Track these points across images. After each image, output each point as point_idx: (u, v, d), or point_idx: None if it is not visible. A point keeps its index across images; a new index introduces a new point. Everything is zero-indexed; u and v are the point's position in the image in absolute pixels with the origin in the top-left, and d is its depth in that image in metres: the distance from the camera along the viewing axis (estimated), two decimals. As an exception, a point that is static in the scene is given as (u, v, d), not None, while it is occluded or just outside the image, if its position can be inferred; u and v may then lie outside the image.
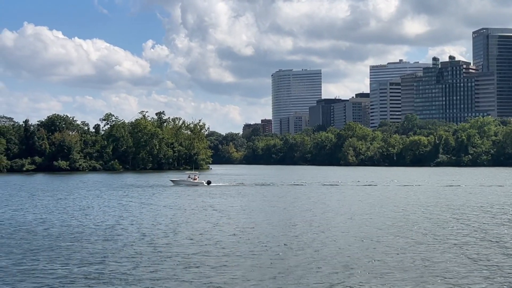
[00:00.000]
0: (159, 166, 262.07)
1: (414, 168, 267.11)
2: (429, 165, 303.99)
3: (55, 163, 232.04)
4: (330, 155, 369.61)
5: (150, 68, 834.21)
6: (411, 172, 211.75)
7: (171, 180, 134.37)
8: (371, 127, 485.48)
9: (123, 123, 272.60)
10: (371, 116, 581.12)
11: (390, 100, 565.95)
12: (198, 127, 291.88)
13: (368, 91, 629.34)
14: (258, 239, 47.18)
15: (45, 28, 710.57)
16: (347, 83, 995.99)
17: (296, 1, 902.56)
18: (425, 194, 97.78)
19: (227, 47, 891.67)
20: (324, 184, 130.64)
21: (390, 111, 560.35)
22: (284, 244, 44.38)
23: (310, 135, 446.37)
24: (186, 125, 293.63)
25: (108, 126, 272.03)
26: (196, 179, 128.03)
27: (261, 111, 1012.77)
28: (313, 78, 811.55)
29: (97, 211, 71.74)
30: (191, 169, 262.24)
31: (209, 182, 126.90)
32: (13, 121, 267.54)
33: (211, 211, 69.70)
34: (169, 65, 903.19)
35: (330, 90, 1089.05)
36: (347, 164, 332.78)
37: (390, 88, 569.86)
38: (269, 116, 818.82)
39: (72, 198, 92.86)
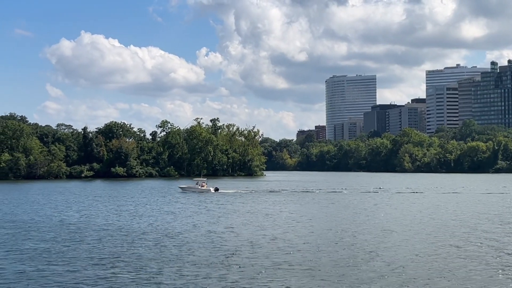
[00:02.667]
0: (214, 172, 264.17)
1: (472, 175, 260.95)
2: (488, 172, 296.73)
3: (112, 169, 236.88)
4: (385, 161, 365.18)
5: (205, 75, 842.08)
6: (468, 179, 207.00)
7: (179, 187, 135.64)
8: (428, 133, 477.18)
9: (179, 130, 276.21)
10: (428, 121, 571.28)
11: (447, 105, 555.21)
12: (252, 133, 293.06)
13: (424, 96, 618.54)
14: (335, 246, 47.08)
15: (101, 37, 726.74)
16: (402, 88, 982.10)
17: (351, 5, 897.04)
18: (469, 202, 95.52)
19: (281, 53, 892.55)
20: (369, 191, 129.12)
21: (447, 116, 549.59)
22: (346, 249, 44.26)
23: (364, 141, 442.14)
24: (240, 131, 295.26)
25: (164, 133, 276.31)
26: (204, 186, 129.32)
27: (315, 117, 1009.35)
28: (368, 83, 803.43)
29: (185, 217, 72.86)
30: (245, 176, 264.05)
31: (216, 189, 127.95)
32: (72, 129, 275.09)
33: (264, 216, 69.81)
34: (223, 72, 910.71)
35: (385, 96, 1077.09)
36: (403, 170, 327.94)
37: (447, 93, 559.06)
38: (323, 122, 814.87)
39: (158, 204, 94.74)
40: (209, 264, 39.88)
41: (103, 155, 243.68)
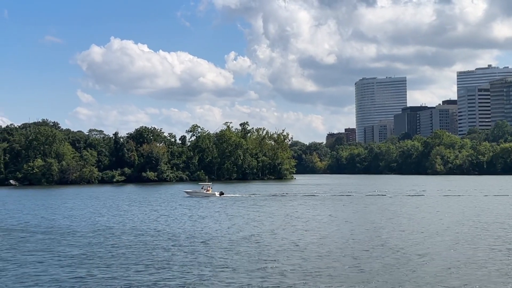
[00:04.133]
0: (244, 176, 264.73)
1: (505, 177, 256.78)
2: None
3: (143, 174, 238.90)
4: (416, 163, 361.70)
5: (234, 79, 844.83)
6: (504, 181, 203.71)
7: (185, 192, 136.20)
8: (459, 134, 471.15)
9: (208, 134, 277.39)
10: (459, 123, 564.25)
11: (479, 106, 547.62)
12: (282, 137, 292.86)
13: (456, 98, 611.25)
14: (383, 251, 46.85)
15: (130, 42, 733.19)
16: (433, 90, 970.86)
17: (379, 7, 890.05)
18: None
19: (309, 56, 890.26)
20: (400, 195, 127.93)
21: (479, 118, 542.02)
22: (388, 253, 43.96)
23: (395, 143, 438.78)
24: (269, 135, 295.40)
25: (194, 137, 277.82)
26: (209, 190, 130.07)
27: (345, 120, 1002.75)
28: (398, 85, 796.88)
29: (224, 221, 72.93)
30: (275, 179, 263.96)
31: (221, 193, 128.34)
32: (103, 134, 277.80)
33: (295, 220, 69.66)
34: (252, 76, 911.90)
35: (416, 97, 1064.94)
36: (435, 173, 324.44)
37: (479, 94, 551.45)
38: (352, 125, 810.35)
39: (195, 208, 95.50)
40: (259, 268, 39.69)
41: (134, 160, 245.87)
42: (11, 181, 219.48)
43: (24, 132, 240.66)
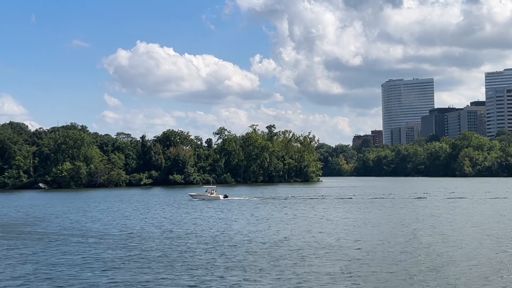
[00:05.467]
0: (270, 178, 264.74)
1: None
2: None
3: (170, 177, 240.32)
4: (444, 166, 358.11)
5: (259, 81, 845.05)
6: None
7: (189, 195, 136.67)
8: (488, 136, 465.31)
9: (235, 137, 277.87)
10: (488, 125, 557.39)
11: (508, 108, 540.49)
12: (308, 139, 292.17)
13: (484, 99, 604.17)
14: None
15: (156, 46, 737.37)
16: (461, 91, 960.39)
17: (406, 8, 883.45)
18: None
19: (335, 58, 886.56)
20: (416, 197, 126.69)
21: (508, 119, 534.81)
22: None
23: (423, 145, 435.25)
24: (295, 137, 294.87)
25: (220, 140, 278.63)
26: (213, 194, 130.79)
27: (371, 122, 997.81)
28: (425, 86, 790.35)
29: (263, 223, 73.14)
30: (301, 182, 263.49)
31: (225, 196, 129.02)
32: (131, 137, 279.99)
33: (324, 222, 69.55)
34: (277, 79, 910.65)
35: (443, 99, 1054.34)
36: (463, 175, 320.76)
37: (508, 95, 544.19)
38: (379, 127, 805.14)
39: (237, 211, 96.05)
40: (305, 272, 39.60)
41: (161, 163, 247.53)
42: (40, 184, 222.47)
43: (53, 135, 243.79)
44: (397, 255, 46.07)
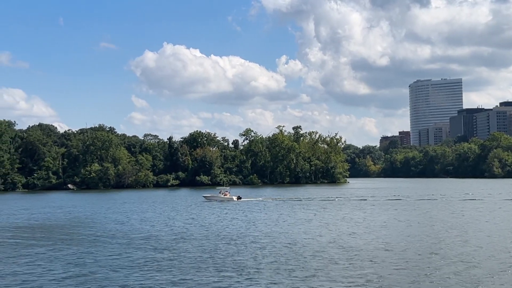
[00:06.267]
0: (297, 180, 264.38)
1: None
2: None
3: (197, 178, 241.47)
4: (473, 167, 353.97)
5: (285, 82, 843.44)
6: None
7: (203, 196, 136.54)
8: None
9: (261, 138, 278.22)
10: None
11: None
12: (335, 140, 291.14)
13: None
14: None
15: (183, 47, 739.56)
16: (490, 91, 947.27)
17: (434, 7, 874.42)
18: None
19: (362, 58, 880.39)
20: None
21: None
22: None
23: (451, 146, 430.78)
24: (322, 138, 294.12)
25: (247, 141, 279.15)
26: (226, 195, 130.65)
27: (398, 122, 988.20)
28: (453, 87, 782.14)
29: (299, 225, 72.69)
30: (328, 183, 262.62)
31: (239, 197, 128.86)
32: (158, 139, 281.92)
33: (353, 223, 69.24)
34: (303, 79, 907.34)
35: (472, 99, 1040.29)
36: (492, 176, 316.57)
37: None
38: (407, 127, 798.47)
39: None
40: (359, 275, 39.14)
41: (188, 164, 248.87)
42: (69, 185, 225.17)
43: (81, 137, 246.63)
44: (438, 258, 45.59)
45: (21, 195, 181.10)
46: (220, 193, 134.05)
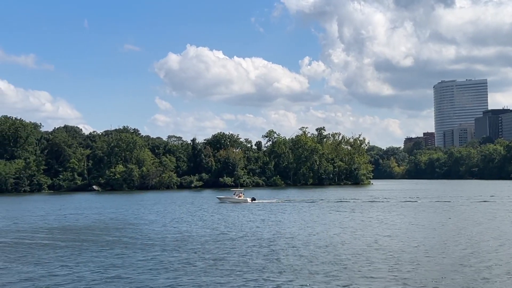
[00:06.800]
0: (320, 181, 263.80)
1: None
2: None
3: (220, 179, 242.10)
4: (499, 168, 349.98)
5: (308, 84, 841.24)
6: None
7: (218, 198, 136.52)
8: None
9: (284, 139, 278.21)
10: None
11: None
12: (358, 141, 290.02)
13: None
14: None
15: (206, 49, 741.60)
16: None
17: (458, 7, 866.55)
18: None
19: (385, 59, 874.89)
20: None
21: None
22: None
23: (476, 147, 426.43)
24: (345, 140, 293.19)
25: (270, 142, 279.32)
26: (241, 196, 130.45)
27: (423, 123, 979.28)
28: (478, 87, 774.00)
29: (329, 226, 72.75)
30: (351, 185, 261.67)
31: (253, 199, 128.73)
32: (182, 140, 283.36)
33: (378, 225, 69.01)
34: (326, 81, 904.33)
35: (498, 100, 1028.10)
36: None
37: None
38: (431, 129, 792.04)
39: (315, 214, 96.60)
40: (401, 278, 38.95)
41: (211, 166, 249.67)
42: (94, 186, 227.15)
43: (106, 139, 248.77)
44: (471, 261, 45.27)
45: (49, 196, 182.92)
46: (234, 194, 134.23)
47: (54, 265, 45.06)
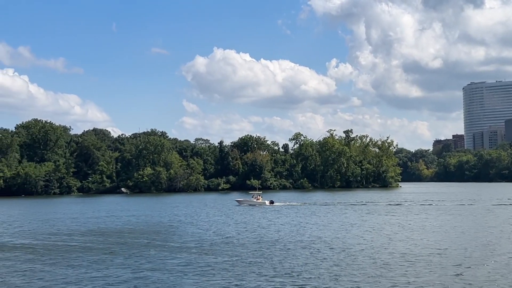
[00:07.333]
0: (347, 184, 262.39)
1: None
2: None
3: (248, 182, 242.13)
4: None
5: (336, 86, 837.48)
6: None
7: (236, 200, 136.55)
8: None
9: (311, 142, 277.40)
10: None
11: None
12: (386, 144, 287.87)
13: None
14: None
15: (233, 52, 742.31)
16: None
17: (488, 8, 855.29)
18: None
19: (414, 61, 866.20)
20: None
21: None
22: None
23: (506, 150, 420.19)
24: (373, 142, 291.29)
25: (297, 145, 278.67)
26: (259, 199, 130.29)
27: (452, 126, 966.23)
28: (509, 89, 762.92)
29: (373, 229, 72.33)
30: (379, 187, 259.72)
31: (271, 202, 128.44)
32: (209, 143, 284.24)
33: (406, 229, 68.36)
34: (354, 83, 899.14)
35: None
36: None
37: None
38: (460, 131, 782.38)
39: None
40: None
41: (238, 168, 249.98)
42: (122, 189, 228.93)
43: (134, 141, 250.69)
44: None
45: (78, 199, 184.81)
46: (252, 197, 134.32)
47: (93, 268, 45.24)
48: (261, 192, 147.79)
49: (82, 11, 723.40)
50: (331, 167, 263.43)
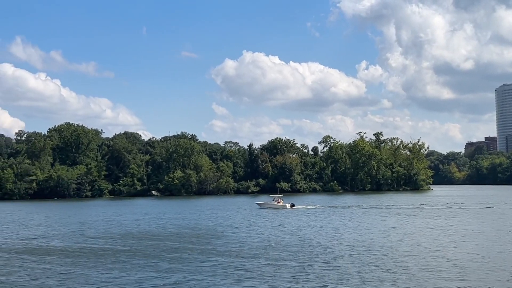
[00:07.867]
0: (378, 187, 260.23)
1: None
2: None
3: (277, 184, 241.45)
4: None
5: (366, 88, 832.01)
6: None
7: (257, 203, 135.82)
8: None
9: (341, 144, 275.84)
10: None
11: None
12: (417, 146, 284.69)
13: None
14: None
15: (262, 54, 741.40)
16: None
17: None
18: None
19: (445, 62, 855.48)
20: None
21: None
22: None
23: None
24: (404, 145, 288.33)
25: (326, 148, 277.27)
26: (280, 202, 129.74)
27: (484, 128, 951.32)
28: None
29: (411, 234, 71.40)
30: (410, 190, 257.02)
31: (292, 205, 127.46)
32: (238, 146, 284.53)
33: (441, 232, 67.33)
34: (384, 85, 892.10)
35: None
36: None
37: None
38: (493, 133, 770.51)
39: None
40: None
41: (268, 171, 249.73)
42: (153, 192, 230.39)
43: (164, 145, 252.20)
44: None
45: (110, 201, 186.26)
46: (273, 200, 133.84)
47: (131, 272, 45.09)
48: (281, 195, 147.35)
49: (113, 15, 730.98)
50: (361, 170, 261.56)
